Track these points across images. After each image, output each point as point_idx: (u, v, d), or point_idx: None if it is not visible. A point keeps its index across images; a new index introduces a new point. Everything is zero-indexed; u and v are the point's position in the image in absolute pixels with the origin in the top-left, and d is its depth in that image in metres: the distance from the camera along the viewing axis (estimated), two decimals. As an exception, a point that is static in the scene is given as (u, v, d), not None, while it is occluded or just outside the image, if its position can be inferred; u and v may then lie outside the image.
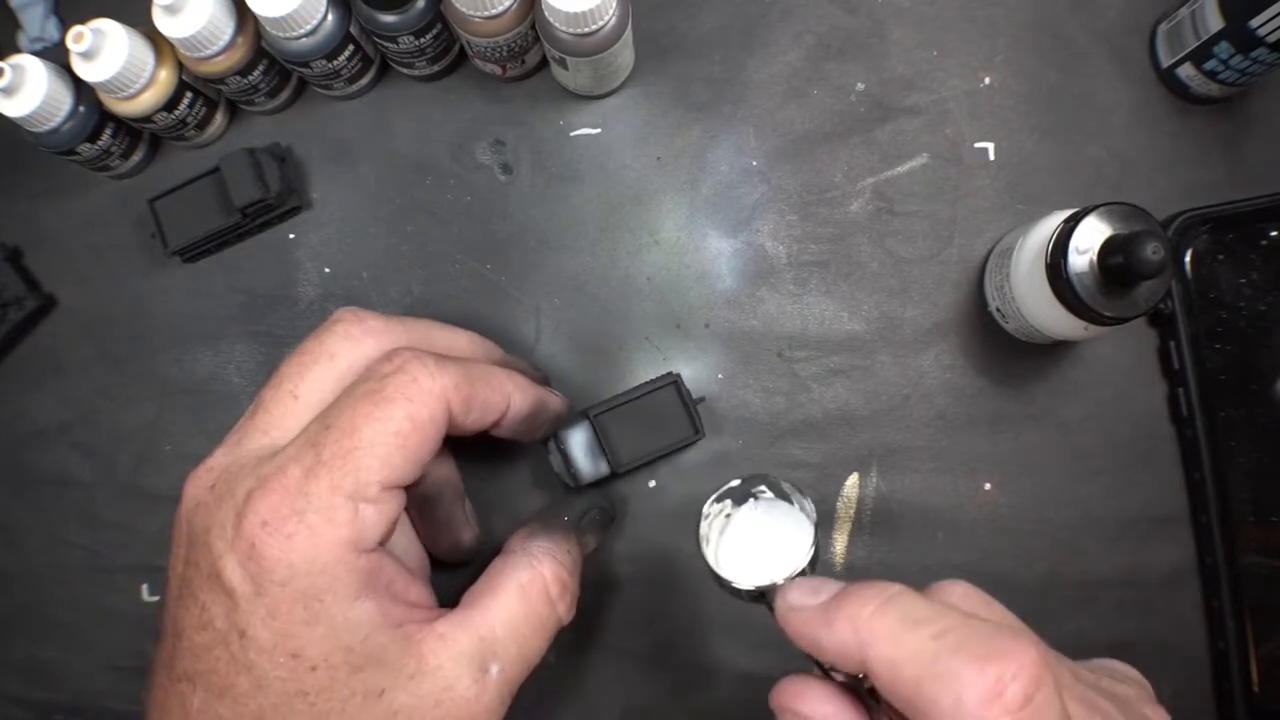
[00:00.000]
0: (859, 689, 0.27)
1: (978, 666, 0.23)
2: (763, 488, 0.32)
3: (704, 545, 0.31)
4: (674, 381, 0.40)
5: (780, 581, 0.29)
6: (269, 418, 0.31)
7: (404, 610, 0.30)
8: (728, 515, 0.32)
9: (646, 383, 0.41)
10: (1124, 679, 0.33)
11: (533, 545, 0.34)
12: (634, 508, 0.42)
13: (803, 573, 0.29)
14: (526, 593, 0.32)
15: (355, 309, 0.33)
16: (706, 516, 0.32)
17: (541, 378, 0.42)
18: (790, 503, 0.31)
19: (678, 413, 0.40)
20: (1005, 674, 0.23)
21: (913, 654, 0.24)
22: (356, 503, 0.28)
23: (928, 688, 0.23)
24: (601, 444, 0.40)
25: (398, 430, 0.29)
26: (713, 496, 0.32)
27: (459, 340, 0.36)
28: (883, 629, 0.25)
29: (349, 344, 0.32)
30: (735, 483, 0.32)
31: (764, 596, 0.29)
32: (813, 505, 0.31)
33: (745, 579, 0.29)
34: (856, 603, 0.26)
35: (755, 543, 0.31)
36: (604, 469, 0.40)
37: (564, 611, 0.33)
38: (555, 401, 0.38)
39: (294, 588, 0.28)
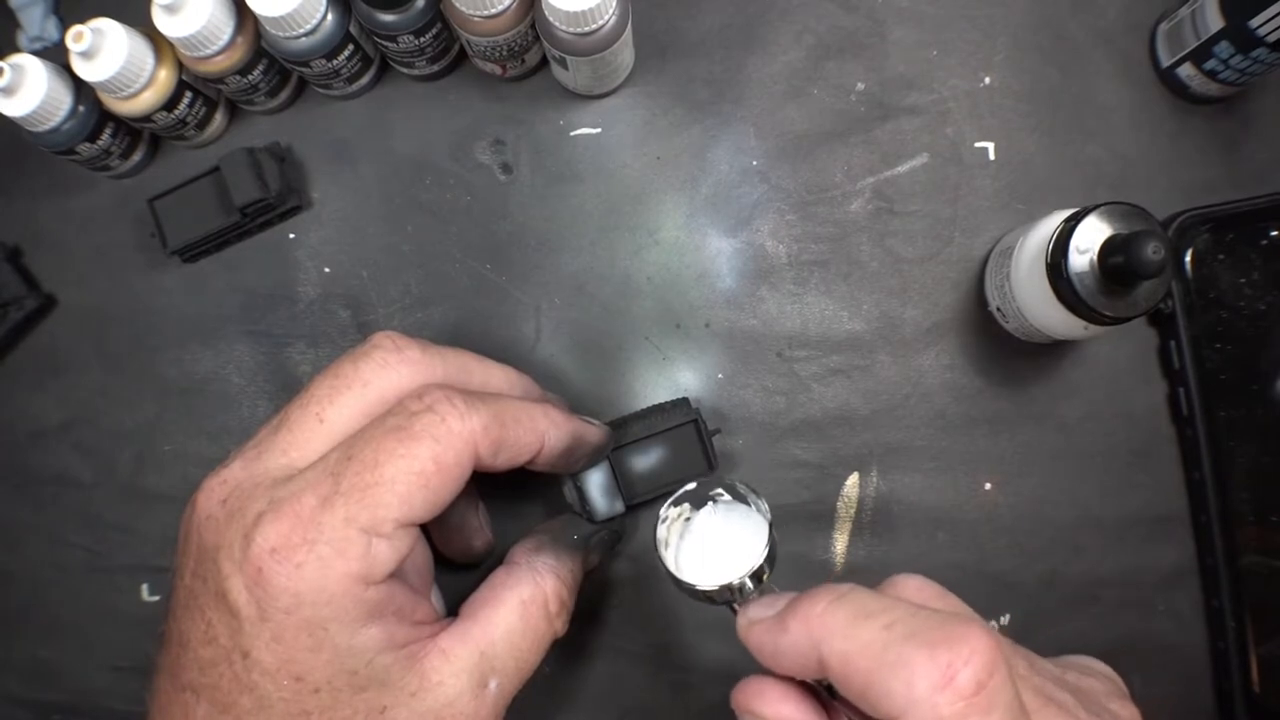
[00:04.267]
0: (818, 688, 0.27)
1: (928, 653, 0.23)
2: (720, 490, 0.32)
3: (663, 549, 0.31)
4: (694, 420, 0.40)
5: (737, 581, 0.29)
6: (291, 437, 0.31)
7: (409, 631, 0.30)
8: (687, 519, 0.32)
9: (661, 407, 0.41)
10: (1092, 673, 0.33)
11: (537, 560, 0.34)
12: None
13: (760, 570, 0.29)
14: (527, 609, 0.32)
15: (394, 335, 0.33)
16: (664, 520, 0.32)
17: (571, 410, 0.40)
18: (747, 504, 0.32)
19: (693, 447, 0.40)
20: (957, 660, 0.23)
21: (864, 645, 0.24)
22: (370, 537, 0.28)
23: (880, 677, 0.23)
24: (618, 481, 0.39)
25: (421, 470, 0.29)
26: (669, 500, 0.32)
27: (495, 375, 0.35)
28: (834, 623, 0.25)
29: (384, 372, 0.31)
30: (691, 486, 0.32)
31: (725, 597, 0.30)
32: (768, 506, 0.31)
33: (707, 580, 0.30)
34: (808, 603, 0.26)
35: (715, 545, 0.31)
36: (619, 507, 0.39)
37: (560, 627, 0.34)
38: (593, 433, 0.37)
39: (299, 616, 0.28)
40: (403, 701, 0.29)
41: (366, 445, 0.29)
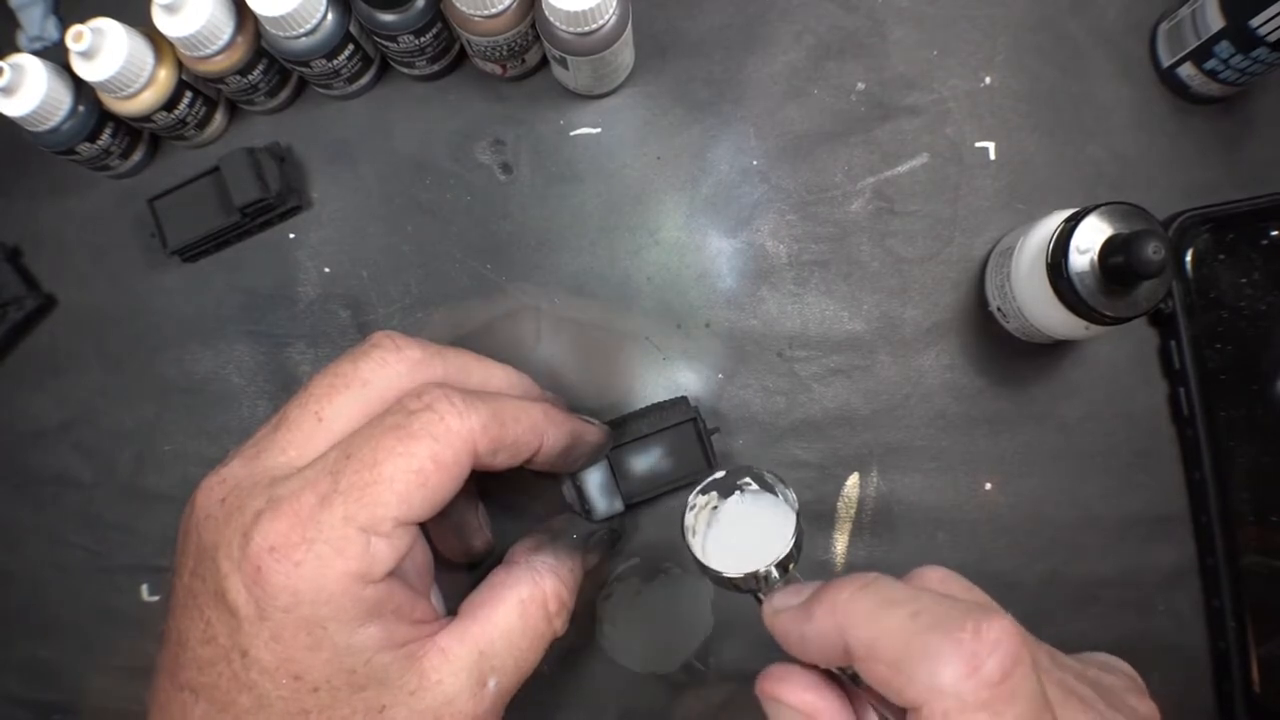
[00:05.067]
0: (842, 676, 0.28)
1: (954, 642, 0.23)
2: (747, 479, 0.32)
3: (690, 536, 0.31)
4: (692, 419, 0.40)
5: (764, 569, 0.29)
6: (290, 436, 0.31)
7: (408, 629, 0.30)
8: (714, 507, 0.32)
9: (659, 406, 0.41)
10: (1112, 670, 0.33)
11: (536, 560, 0.34)
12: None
13: (787, 558, 0.29)
14: (526, 608, 0.32)
15: (394, 335, 0.33)
16: (692, 508, 0.32)
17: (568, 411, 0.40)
18: (774, 494, 0.32)
19: (692, 446, 0.40)
20: (981, 650, 0.23)
21: (890, 632, 0.24)
22: (369, 536, 0.28)
23: (905, 665, 0.23)
24: (617, 480, 0.39)
25: (420, 469, 0.28)
26: (698, 488, 0.32)
27: (495, 374, 0.35)
28: (860, 611, 0.25)
29: (384, 371, 0.31)
30: (720, 474, 0.32)
31: (751, 585, 0.30)
32: (795, 495, 0.31)
33: (734, 568, 0.30)
34: (834, 591, 0.26)
35: (742, 533, 0.31)
36: (618, 506, 0.39)
37: (559, 627, 0.33)
38: (592, 432, 0.37)
39: (298, 614, 0.28)
40: (401, 700, 0.29)
41: (365, 444, 0.29)
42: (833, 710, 0.27)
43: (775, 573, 0.29)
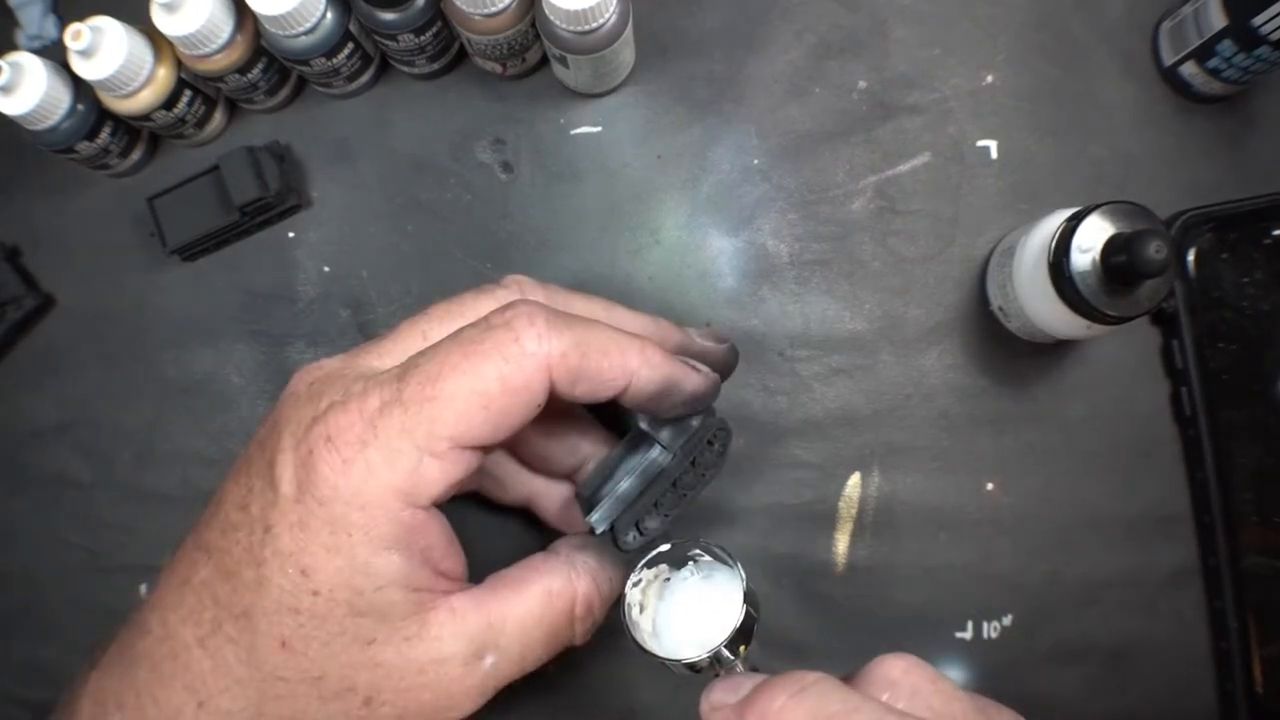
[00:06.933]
0: None
1: None
2: (698, 551, 0.31)
3: (634, 613, 0.30)
4: (725, 427, 0.35)
5: (702, 657, 0.28)
6: (390, 344, 0.31)
7: (429, 577, 0.29)
8: (666, 579, 0.31)
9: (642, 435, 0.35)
10: None
11: (578, 557, 0.33)
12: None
13: (735, 640, 0.28)
14: (551, 601, 0.31)
15: (524, 279, 0.32)
16: (638, 583, 0.31)
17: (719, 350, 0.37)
18: (730, 565, 0.30)
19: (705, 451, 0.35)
20: None
21: None
22: (423, 454, 0.27)
23: None
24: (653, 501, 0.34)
25: (484, 390, 0.27)
26: (643, 562, 0.31)
27: (628, 322, 0.33)
28: None
29: None
30: (666, 547, 0.31)
31: (683, 671, 0.29)
32: (743, 569, 0.30)
33: (683, 651, 0.28)
34: (768, 696, 0.24)
35: (697, 609, 0.30)
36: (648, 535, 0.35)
37: (580, 634, 0.33)
38: (693, 382, 0.32)
39: (329, 510, 0.27)
40: (394, 642, 0.28)
41: (434, 356, 0.28)
42: None
43: (726, 653, 0.28)
